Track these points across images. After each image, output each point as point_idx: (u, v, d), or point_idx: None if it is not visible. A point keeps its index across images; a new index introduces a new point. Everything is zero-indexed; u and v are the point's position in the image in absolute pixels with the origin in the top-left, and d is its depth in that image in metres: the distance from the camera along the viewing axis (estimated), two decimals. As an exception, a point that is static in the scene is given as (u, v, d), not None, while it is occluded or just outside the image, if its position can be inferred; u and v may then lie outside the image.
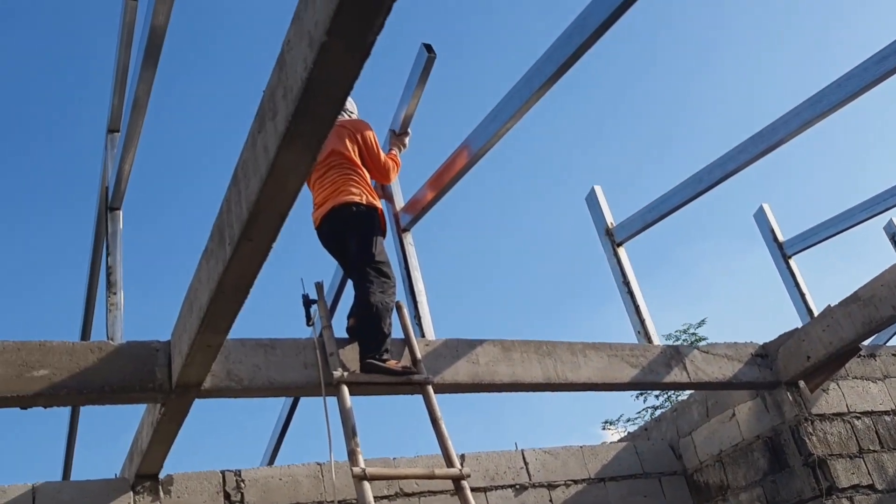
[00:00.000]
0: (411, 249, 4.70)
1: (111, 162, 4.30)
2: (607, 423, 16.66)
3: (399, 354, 4.06)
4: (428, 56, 4.19)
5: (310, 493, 4.74)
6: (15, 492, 4.08)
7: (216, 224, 2.84)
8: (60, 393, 3.25)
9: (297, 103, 2.04)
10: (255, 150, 2.40)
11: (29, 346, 3.29)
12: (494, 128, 3.88)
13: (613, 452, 5.88)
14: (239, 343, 3.71)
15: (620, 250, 5.35)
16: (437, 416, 3.83)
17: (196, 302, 3.07)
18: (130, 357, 3.45)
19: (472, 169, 4.28)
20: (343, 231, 4.11)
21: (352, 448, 3.49)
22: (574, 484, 5.56)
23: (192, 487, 4.45)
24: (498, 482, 5.33)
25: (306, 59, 1.96)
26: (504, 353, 4.31)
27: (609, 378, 4.56)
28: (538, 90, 3.56)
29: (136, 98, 3.69)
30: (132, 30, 3.94)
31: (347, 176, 4.16)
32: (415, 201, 4.70)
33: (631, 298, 5.17)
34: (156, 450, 3.99)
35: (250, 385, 3.67)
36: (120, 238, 4.06)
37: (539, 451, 5.62)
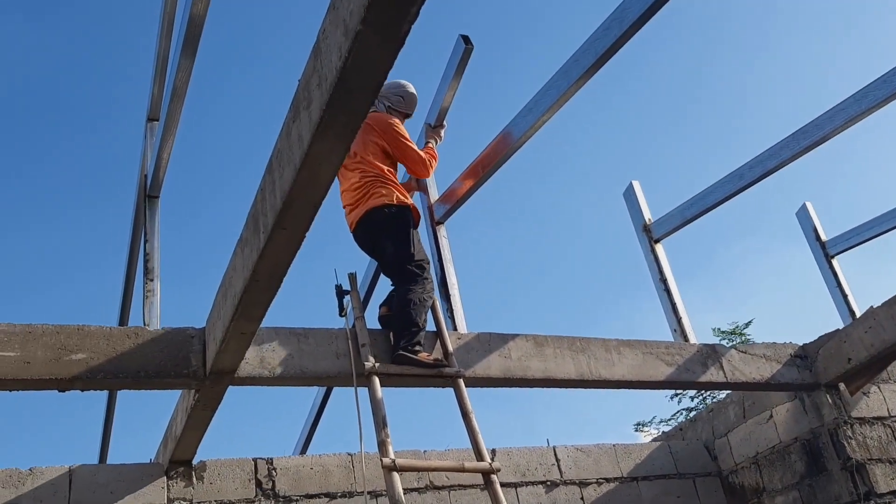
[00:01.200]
0: (445, 242, 4.69)
1: (150, 150, 4.35)
2: (640, 424, 16.49)
3: (431, 347, 4.05)
4: (465, 47, 4.17)
5: (340, 482, 4.76)
6: (52, 473, 4.16)
7: (251, 212, 2.86)
8: (97, 377, 3.30)
9: (332, 92, 2.04)
10: (290, 139, 2.41)
11: (68, 329, 3.35)
12: (531, 119, 3.85)
13: (647, 452, 5.82)
14: (272, 331, 3.74)
15: (658, 247, 5.28)
16: (467, 410, 3.81)
17: (231, 289, 3.10)
18: (166, 343, 3.50)
19: (508, 161, 4.25)
20: (377, 234, 4.10)
21: (382, 439, 3.50)
22: (606, 482, 5.51)
23: (224, 474, 4.49)
24: (529, 478, 5.30)
25: (341, 47, 1.95)
26: (537, 349, 4.28)
27: (643, 376, 4.51)
28: (576, 82, 3.52)
29: (175, 87, 3.73)
30: (172, 19, 3.98)
31: (375, 177, 4.13)
32: (449, 193, 4.69)
33: (668, 296, 5.10)
34: (189, 436, 4.04)
35: (283, 373, 3.69)
36: (158, 226, 4.12)
37: (571, 448, 5.58)
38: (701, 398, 15.75)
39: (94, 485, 4.19)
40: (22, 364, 3.20)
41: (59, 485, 4.14)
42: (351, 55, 1.92)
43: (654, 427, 16.31)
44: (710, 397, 14.80)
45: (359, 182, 4.13)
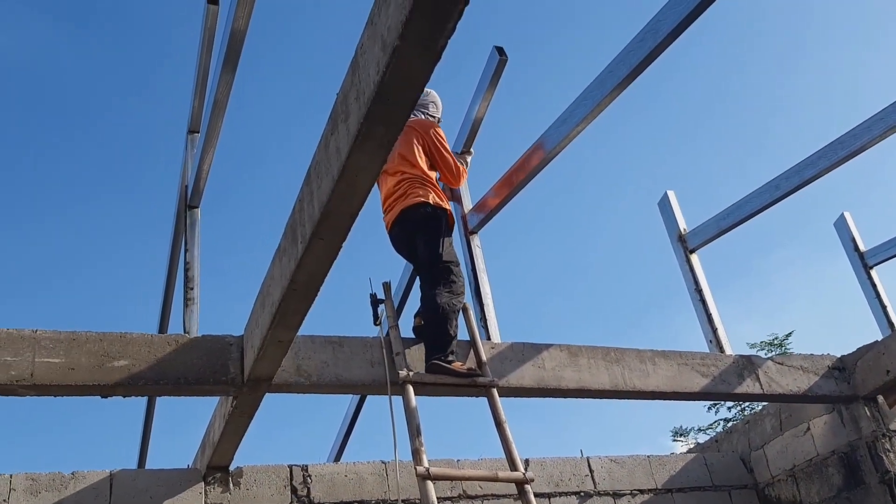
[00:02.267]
0: (478, 251, 4.72)
1: (191, 161, 4.44)
2: (678, 433, 16.31)
3: (464, 356, 4.08)
4: (499, 59, 4.21)
5: (374, 490, 4.79)
6: (94, 477, 4.25)
7: (289, 223, 2.91)
8: (139, 383, 3.37)
9: (370, 106, 2.08)
10: (328, 151, 2.45)
11: (110, 337, 3.43)
12: (566, 130, 3.87)
13: (682, 463, 5.77)
14: (308, 339, 3.79)
15: (693, 257, 5.25)
16: (501, 419, 3.83)
17: (269, 298, 3.15)
18: (205, 350, 3.56)
19: (541, 171, 4.27)
20: (413, 233, 4.15)
21: (416, 447, 3.52)
22: (640, 494, 5.48)
23: (260, 480, 4.55)
24: (562, 488, 5.29)
25: (379, 62, 1.99)
26: (571, 359, 4.28)
27: (678, 387, 4.48)
28: (610, 93, 3.53)
29: (216, 100, 3.80)
30: (213, 34, 4.06)
31: (415, 178, 4.19)
32: (483, 203, 4.72)
33: (703, 306, 5.07)
34: (227, 442, 4.10)
35: (318, 381, 3.74)
36: (198, 235, 4.19)
37: (605, 459, 5.56)
38: (739, 409, 15.55)
39: (134, 489, 4.28)
40: (67, 370, 3.29)
41: (101, 489, 4.23)
42: (388, 69, 1.96)
43: (692, 437, 16.14)
44: (747, 408, 14.61)
45: (398, 183, 4.19)
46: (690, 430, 16.34)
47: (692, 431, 16.32)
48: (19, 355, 3.24)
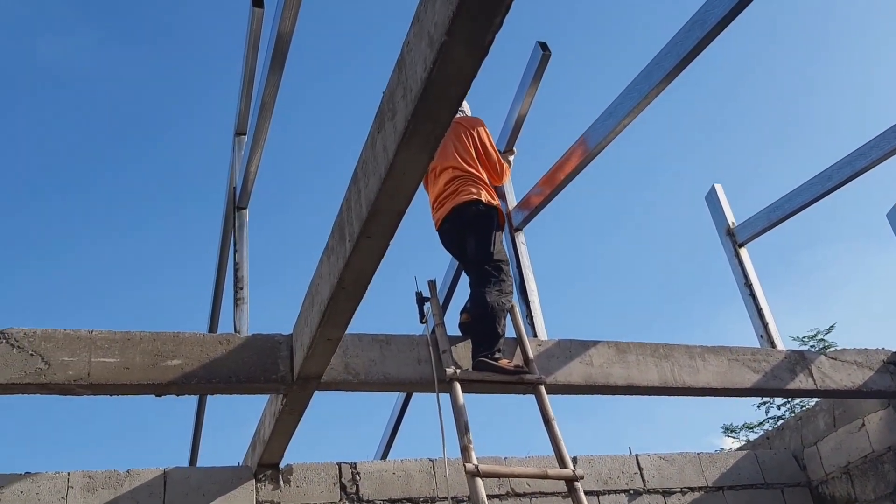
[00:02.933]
0: (523, 248, 4.70)
1: (238, 163, 4.50)
2: (728, 430, 16.07)
3: (511, 354, 4.06)
4: (542, 54, 4.18)
5: (422, 488, 4.81)
6: (148, 475, 4.34)
7: (337, 222, 2.93)
8: (191, 382, 3.43)
9: (417, 103, 2.08)
10: (375, 149, 2.46)
11: (163, 336, 3.50)
12: (611, 124, 3.83)
13: (733, 461, 5.69)
14: (356, 338, 3.81)
15: (742, 251, 5.17)
16: (549, 417, 3.81)
17: (317, 297, 3.18)
18: (255, 349, 3.61)
19: (587, 166, 4.24)
20: (463, 230, 4.14)
21: (464, 444, 3.52)
22: (690, 491, 5.41)
23: (310, 478, 4.60)
24: (611, 486, 5.25)
25: (426, 59, 1.99)
26: (619, 355, 4.24)
27: (729, 383, 4.41)
28: (657, 85, 3.49)
29: (263, 102, 3.84)
30: (258, 36, 4.11)
31: (466, 175, 4.19)
32: (527, 200, 4.70)
33: (753, 301, 4.99)
34: (277, 440, 4.15)
35: (366, 379, 3.76)
36: (246, 236, 4.25)
37: (654, 457, 5.50)
38: (788, 406, 15.27)
39: (188, 487, 4.35)
40: (122, 370, 3.36)
41: (155, 486, 4.31)
42: (436, 66, 1.96)
43: (742, 435, 15.90)
44: (798, 405, 14.34)
45: (449, 180, 4.19)
46: (741, 428, 16.10)
47: (742, 430, 16.08)
48: (76, 355, 3.32)
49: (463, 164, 4.21)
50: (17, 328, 3.33)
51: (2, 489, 4.08)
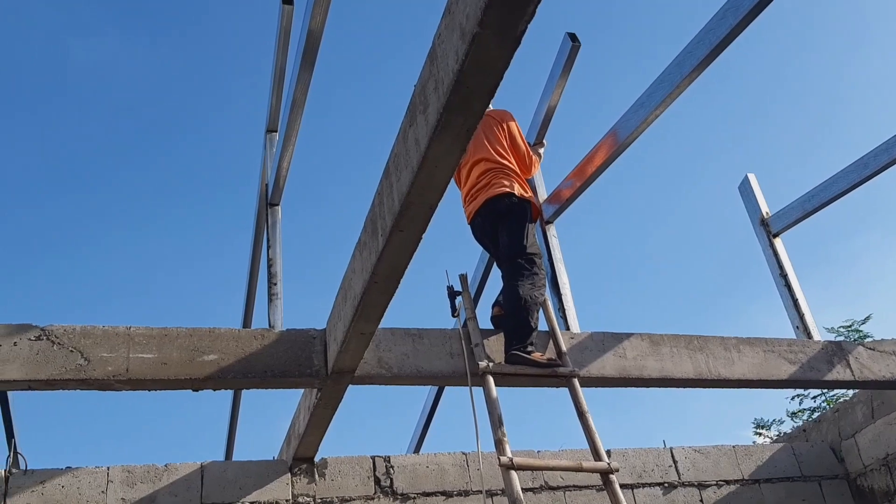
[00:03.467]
0: (555, 241, 4.68)
1: (270, 160, 4.53)
2: (759, 426, 15.87)
3: (543, 347, 4.05)
4: (572, 45, 4.16)
5: (456, 481, 4.82)
6: (185, 469, 4.40)
7: (369, 216, 2.95)
8: (228, 377, 3.47)
9: (449, 96, 2.08)
10: (407, 143, 2.47)
11: (200, 332, 3.54)
12: (643, 115, 3.80)
13: (769, 453, 5.63)
14: (389, 332, 3.83)
15: (777, 241, 5.10)
16: (583, 410, 3.79)
17: (350, 291, 3.20)
18: (290, 344, 3.64)
19: (617, 158, 4.21)
20: (496, 223, 4.14)
21: (498, 438, 3.52)
22: (726, 484, 5.36)
23: (344, 471, 4.63)
24: (645, 480, 5.22)
25: (458, 51, 1.99)
26: (653, 348, 4.21)
27: (765, 375, 4.36)
28: (689, 74, 3.45)
29: (294, 99, 3.87)
30: (288, 34, 4.13)
31: (499, 168, 4.18)
32: (558, 193, 4.68)
33: (788, 292, 4.92)
34: (312, 434, 4.19)
35: (399, 373, 3.77)
36: (279, 232, 4.28)
37: (689, 450, 5.46)
38: (823, 399, 15.05)
39: (224, 480, 4.41)
40: (159, 365, 3.41)
41: (192, 480, 4.37)
42: (468, 58, 1.96)
43: (774, 430, 15.70)
44: (833, 398, 14.13)
45: (482, 173, 4.19)
46: (773, 423, 15.89)
47: (774, 423, 15.87)
48: (115, 351, 3.38)
49: (496, 156, 4.20)
50: (58, 325, 3.40)
51: (43, 484, 4.16)
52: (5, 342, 3.30)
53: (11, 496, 4.08)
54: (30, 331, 3.35)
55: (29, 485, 4.14)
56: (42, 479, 4.18)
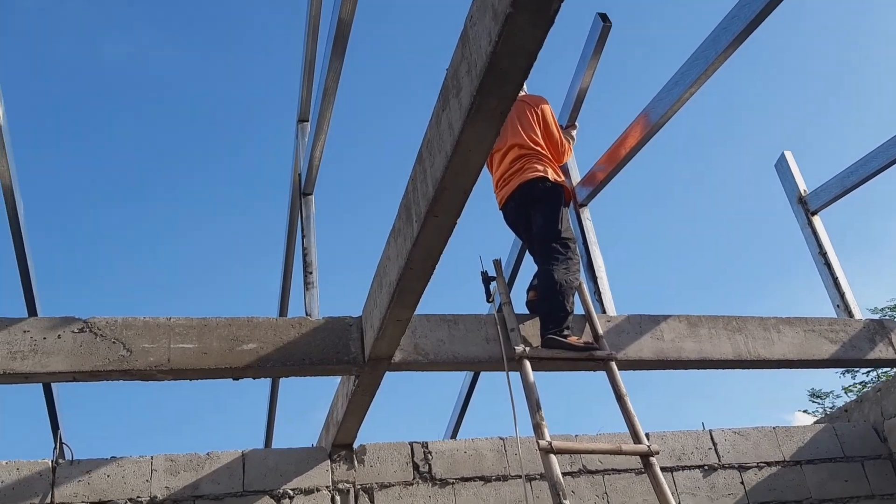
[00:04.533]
0: (589, 224, 4.65)
1: (302, 150, 4.55)
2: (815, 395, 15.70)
3: (579, 331, 4.04)
4: (603, 25, 4.11)
5: (494, 466, 4.83)
6: (227, 457, 4.46)
7: (402, 203, 2.95)
8: (267, 365, 3.50)
9: (482, 78, 2.07)
10: (440, 127, 2.46)
11: (238, 321, 3.58)
12: (677, 93, 3.74)
13: (810, 434, 5.55)
14: (424, 318, 3.84)
15: (815, 219, 5.02)
16: (621, 392, 3.77)
17: (386, 278, 3.21)
18: (327, 331, 3.66)
19: (651, 139, 4.16)
20: (529, 207, 4.12)
21: (536, 422, 3.52)
22: (767, 466, 5.31)
23: (383, 457, 4.66)
24: (685, 462, 5.18)
25: (490, 32, 1.98)
26: (690, 329, 4.17)
27: (805, 355, 4.31)
28: (724, 51, 3.39)
29: (326, 88, 3.87)
30: (318, 23, 4.14)
31: (532, 153, 4.16)
32: (591, 175, 4.64)
33: (828, 270, 4.85)
34: (350, 420, 4.22)
35: (436, 359, 3.78)
36: (313, 221, 4.31)
37: (728, 432, 5.41)
38: (875, 374, 14.83)
39: (265, 468, 4.46)
40: (200, 355, 3.45)
41: (234, 468, 4.43)
42: (501, 39, 1.94)
43: (818, 411, 15.52)
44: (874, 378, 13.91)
45: (514, 159, 4.17)
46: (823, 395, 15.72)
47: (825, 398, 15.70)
48: (156, 342, 3.43)
49: (528, 141, 4.18)
50: (100, 317, 3.45)
51: (89, 473, 4.24)
52: (49, 335, 3.36)
53: (59, 486, 4.17)
54: (73, 323, 3.41)
55: (75, 475, 4.22)
56: (88, 469, 4.26)
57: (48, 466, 4.23)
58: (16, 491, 4.11)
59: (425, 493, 4.62)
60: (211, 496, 4.31)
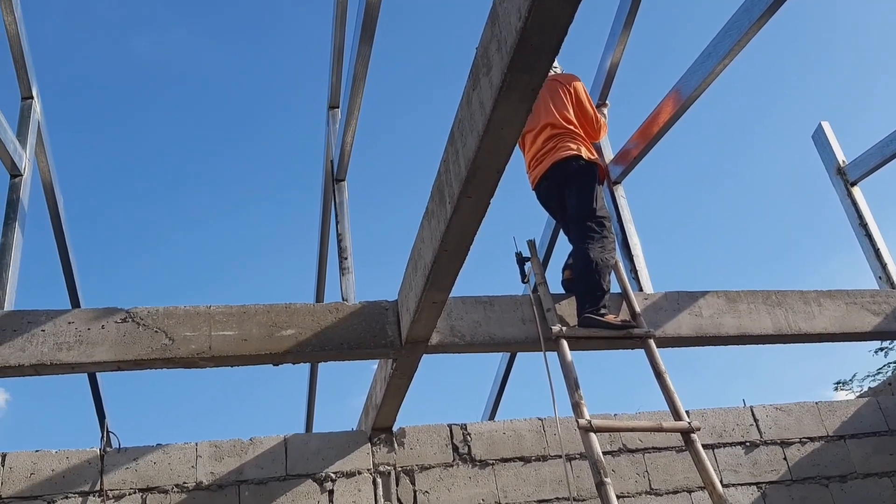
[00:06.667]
0: (623, 202, 4.61)
1: (334, 137, 4.57)
2: (840, 383, 15.45)
3: (616, 309, 4.01)
4: (633, -1, 4.06)
5: (533, 446, 4.84)
6: (270, 443, 4.53)
7: (435, 185, 2.94)
8: (306, 350, 3.54)
9: (513, 55, 2.05)
10: (471, 107, 2.45)
11: (276, 308, 3.62)
12: (710, 66, 3.68)
13: (853, 409, 5.48)
14: (459, 301, 3.84)
15: (855, 190, 4.92)
16: (661, 370, 3.75)
17: (420, 261, 3.22)
18: (364, 316, 3.69)
19: (685, 113, 4.10)
20: (563, 186, 4.10)
21: (576, 401, 3.51)
22: (810, 441, 5.25)
23: (422, 439, 4.70)
24: (726, 439, 5.15)
25: (520, 8, 1.96)
26: (729, 305, 4.13)
27: (847, 328, 4.23)
28: (759, 20, 3.32)
29: (355, 74, 3.88)
30: (345, 9, 4.14)
31: (565, 132, 4.13)
32: (625, 152, 4.60)
33: (869, 242, 4.76)
34: (389, 403, 4.25)
35: (472, 340, 3.78)
36: (347, 207, 4.33)
37: (770, 408, 5.36)
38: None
39: (307, 452, 4.52)
40: (240, 341, 3.50)
41: (277, 452, 4.49)
42: (531, 14, 1.92)
43: (856, 386, 15.27)
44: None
45: (547, 138, 4.15)
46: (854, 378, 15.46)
47: (856, 380, 15.42)
48: (197, 330, 3.48)
49: (561, 120, 4.16)
50: (141, 307, 3.51)
51: (136, 461, 4.34)
52: (93, 326, 3.43)
53: (107, 473, 4.26)
54: (115, 314, 3.47)
55: (123, 462, 4.32)
56: (135, 457, 4.35)
57: (96, 455, 4.33)
58: (66, 479, 4.22)
59: (465, 474, 4.65)
60: (255, 481, 4.38)
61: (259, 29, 25.19)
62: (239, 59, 25.61)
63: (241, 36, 25.91)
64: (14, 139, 3.96)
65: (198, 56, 25.60)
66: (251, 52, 25.77)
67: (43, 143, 4.40)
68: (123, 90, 23.46)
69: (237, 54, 25.21)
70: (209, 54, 25.85)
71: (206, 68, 25.20)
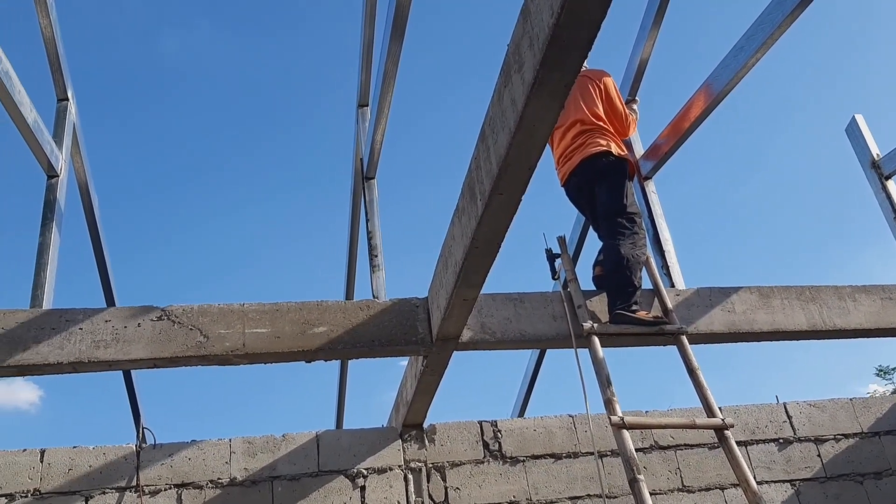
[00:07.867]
0: (654, 198, 4.58)
1: (363, 135, 4.58)
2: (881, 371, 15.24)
3: (648, 305, 3.99)
4: (663, -6, 4.03)
5: (564, 443, 4.83)
6: (302, 439, 4.57)
7: (466, 182, 2.95)
8: (338, 347, 3.56)
9: (545, 51, 2.05)
10: (502, 104, 2.45)
11: (308, 305, 3.64)
12: (742, 60, 3.64)
13: (888, 405, 5.40)
14: (490, 298, 3.84)
15: (889, 183, 4.84)
16: (693, 366, 3.73)
17: (451, 258, 3.22)
18: (394, 313, 3.71)
19: (716, 108, 4.06)
20: (593, 183, 4.08)
21: (608, 397, 3.50)
22: (844, 438, 5.19)
23: (453, 436, 4.71)
24: (759, 436, 5.10)
25: (553, 4, 1.96)
26: (762, 300, 4.09)
27: (884, 323, 4.18)
28: (792, 12, 3.28)
29: (385, 72, 3.89)
30: (374, 7, 4.15)
31: (595, 128, 4.11)
32: (655, 148, 4.56)
33: (905, 235, 4.68)
34: (420, 400, 4.26)
35: (503, 337, 3.78)
36: (377, 205, 4.35)
37: (803, 404, 5.30)
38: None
39: (339, 448, 4.55)
40: (273, 339, 3.53)
41: (309, 449, 4.53)
42: (563, 10, 1.92)
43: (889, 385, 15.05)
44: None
45: (577, 134, 4.14)
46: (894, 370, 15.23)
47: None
48: (231, 328, 3.52)
49: (591, 117, 4.14)
50: (176, 305, 3.56)
51: (172, 457, 4.40)
52: (129, 324, 3.48)
53: (143, 469, 4.33)
54: (151, 312, 3.52)
55: (158, 458, 4.38)
56: (170, 453, 4.41)
57: (132, 451, 4.39)
58: (103, 475, 4.29)
59: (496, 471, 4.66)
60: (288, 476, 4.42)
61: (288, 28, 25.30)
62: (269, 59, 25.80)
63: (269, 34, 26.06)
64: (50, 140, 4.02)
65: (226, 55, 25.82)
66: (282, 51, 25.93)
67: (78, 143, 4.46)
68: (153, 87, 23.72)
69: (267, 55, 25.39)
70: (241, 54, 26.06)
71: (233, 67, 25.42)
